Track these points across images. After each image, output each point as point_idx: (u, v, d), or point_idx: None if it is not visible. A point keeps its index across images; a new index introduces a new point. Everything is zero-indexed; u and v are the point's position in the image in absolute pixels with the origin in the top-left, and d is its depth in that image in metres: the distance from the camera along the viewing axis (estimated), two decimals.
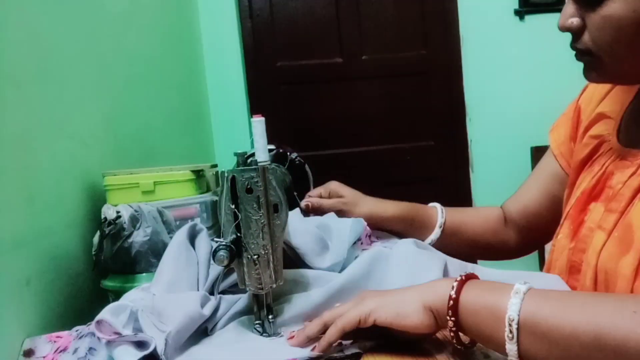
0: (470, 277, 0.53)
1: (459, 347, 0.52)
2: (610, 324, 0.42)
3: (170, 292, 0.69)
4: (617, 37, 0.57)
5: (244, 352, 0.58)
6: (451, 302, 0.50)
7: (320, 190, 0.93)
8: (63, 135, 0.91)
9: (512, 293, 0.47)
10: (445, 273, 0.69)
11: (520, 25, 2.44)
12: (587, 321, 0.43)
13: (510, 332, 0.46)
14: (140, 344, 0.56)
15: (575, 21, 0.60)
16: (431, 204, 0.91)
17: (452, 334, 0.51)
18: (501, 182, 1.90)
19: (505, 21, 2.44)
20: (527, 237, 0.88)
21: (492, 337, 0.48)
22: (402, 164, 2.50)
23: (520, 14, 2.43)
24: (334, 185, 0.95)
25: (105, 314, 0.57)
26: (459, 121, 2.50)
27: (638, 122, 0.67)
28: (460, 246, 0.88)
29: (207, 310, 0.64)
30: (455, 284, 0.51)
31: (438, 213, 0.88)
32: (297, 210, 0.89)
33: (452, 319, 0.50)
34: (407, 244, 0.74)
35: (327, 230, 0.81)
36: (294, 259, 0.75)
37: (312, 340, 0.57)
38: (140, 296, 0.67)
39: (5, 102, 0.73)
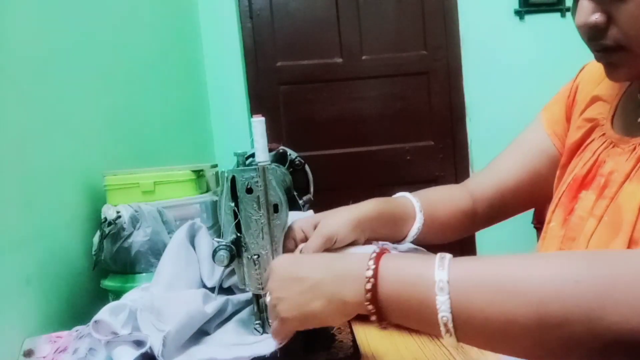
0: (383, 252, 0.48)
1: (381, 324, 0.47)
2: (552, 299, 0.39)
3: (169, 292, 0.69)
4: None
5: (244, 352, 0.58)
6: (369, 294, 0.45)
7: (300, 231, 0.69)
8: (63, 135, 0.91)
9: (436, 289, 0.42)
10: None
11: (520, 25, 2.44)
12: (525, 302, 0.40)
13: (447, 331, 0.42)
14: (140, 343, 0.56)
15: (599, 17, 0.56)
16: (399, 194, 0.80)
17: (374, 318, 0.46)
18: None
19: (505, 21, 2.44)
20: (497, 211, 0.83)
21: (427, 329, 0.44)
22: (402, 164, 2.50)
23: (520, 14, 2.43)
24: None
25: (104, 314, 0.57)
26: (459, 121, 2.50)
27: (633, 108, 0.65)
28: (432, 232, 0.79)
29: (210, 309, 0.64)
30: (371, 262, 0.46)
31: (414, 204, 0.77)
32: (311, 211, 0.89)
33: (370, 306, 0.45)
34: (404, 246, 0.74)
35: None
36: None
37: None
38: (140, 296, 0.67)
39: (5, 102, 0.73)
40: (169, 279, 0.70)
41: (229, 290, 0.72)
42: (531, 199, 0.81)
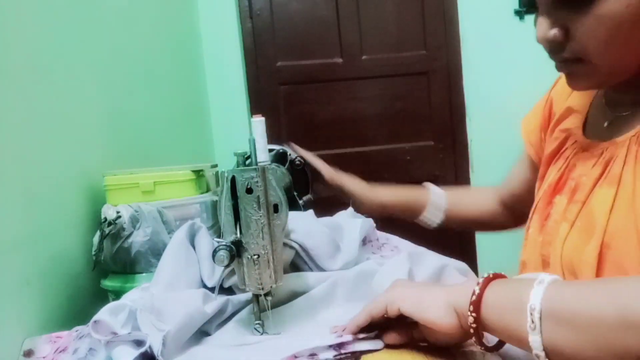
0: (498, 276, 0.51)
1: (480, 348, 0.51)
2: (634, 301, 0.41)
3: (169, 292, 0.69)
4: (612, 37, 0.55)
5: (245, 351, 0.58)
6: (474, 297, 0.49)
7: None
8: (63, 136, 0.91)
9: (535, 283, 0.46)
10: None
11: (520, 25, 2.44)
12: (610, 301, 0.42)
13: (532, 321, 0.44)
14: (139, 343, 0.56)
15: (557, 32, 0.58)
16: (430, 186, 1.04)
17: (472, 331, 0.49)
18: (501, 182, 1.90)
19: (505, 21, 2.44)
20: (520, 217, 0.88)
21: (515, 330, 0.46)
22: (402, 164, 2.49)
23: (520, 14, 2.43)
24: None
25: (103, 314, 0.57)
26: (459, 121, 2.50)
27: (601, 114, 0.67)
28: (458, 224, 1.01)
29: (210, 309, 0.64)
30: (481, 280, 0.50)
31: (442, 199, 1.00)
32: (311, 211, 0.90)
33: (473, 314, 0.48)
34: (400, 261, 0.74)
35: (339, 229, 0.82)
36: (305, 260, 0.75)
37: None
38: (139, 296, 0.67)
39: (6, 102, 0.73)
40: (169, 279, 0.70)
41: (229, 290, 0.72)
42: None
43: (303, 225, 0.77)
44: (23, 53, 0.81)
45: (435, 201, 1.00)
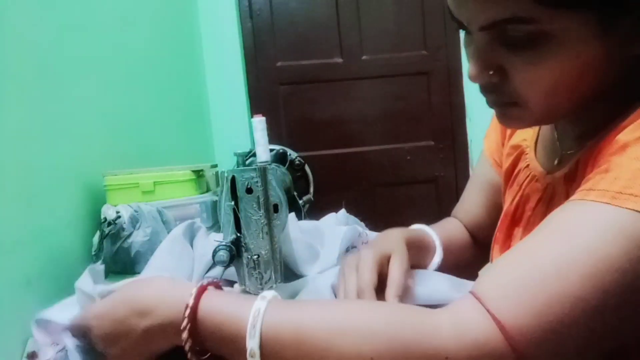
0: (212, 284, 0.50)
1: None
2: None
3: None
4: (556, 87, 0.49)
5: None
6: (189, 311, 0.46)
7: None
8: (63, 135, 0.91)
9: (248, 328, 0.45)
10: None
11: None
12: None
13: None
14: None
15: (493, 75, 0.51)
16: (416, 227, 0.79)
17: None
18: None
19: None
20: (478, 244, 0.82)
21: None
22: (402, 164, 2.49)
23: None
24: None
25: (51, 312, 0.57)
26: (459, 121, 2.50)
27: (550, 141, 0.63)
28: (451, 262, 0.77)
29: None
30: (194, 291, 0.48)
31: (432, 235, 0.77)
32: (292, 214, 0.87)
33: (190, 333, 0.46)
34: None
35: (320, 236, 0.80)
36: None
37: None
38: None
39: (5, 102, 0.73)
40: (157, 271, 0.70)
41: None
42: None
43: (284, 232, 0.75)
44: (23, 53, 0.81)
45: (438, 245, 0.77)
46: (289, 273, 0.72)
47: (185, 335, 0.46)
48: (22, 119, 0.78)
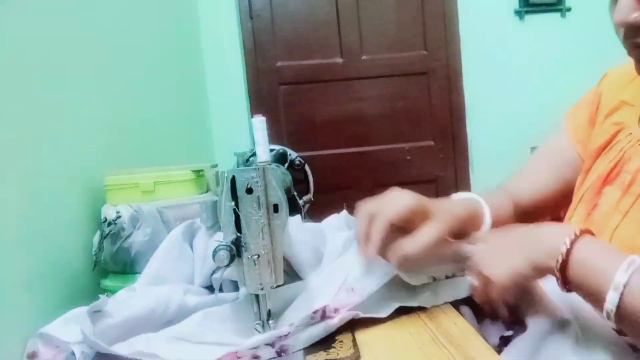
0: (586, 231, 0.53)
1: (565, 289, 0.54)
2: None
3: (154, 285, 0.69)
4: None
5: (180, 345, 0.58)
6: (561, 260, 0.52)
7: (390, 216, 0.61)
8: (63, 136, 0.91)
9: (619, 270, 0.48)
10: None
11: (520, 25, 2.44)
12: None
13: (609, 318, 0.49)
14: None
15: (639, 15, 0.55)
16: (467, 195, 0.76)
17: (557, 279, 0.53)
18: (501, 182, 1.90)
19: (505, 21, 2.44)
20: (530, 218, 0.82)
21: (597, 300, 0.50)
22: (402, 164, 2.49)
23: (520, 14, 2.43)
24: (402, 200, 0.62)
25: (53, 327, 0.58)
26: (459, 121, 2.50)
27: None
28: None
29: (173, 308, 0.64)
30: (567, 240, 0.52)
31: (484, 209, 0.74)
32: (298, 217, 0.87)
33: (561, 277, 0.52)
34: None
35: (322, 239, 0.79)
36: (286, 269, 0.74)
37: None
38: (127, 296, 0.68)
39: (6, 102, 0.73)
40: (155, 273, 0.71)
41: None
42: (558, 207, 0.83)
43: (285, 235, 0.75)
44: (23, 53, 0.81)
45: (487, 215, 0.75)
46: (294, 274, 0.72)
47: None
48: (23, 119, 0.78)
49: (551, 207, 0.83)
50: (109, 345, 0.56)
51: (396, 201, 0.61)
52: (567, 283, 0.53)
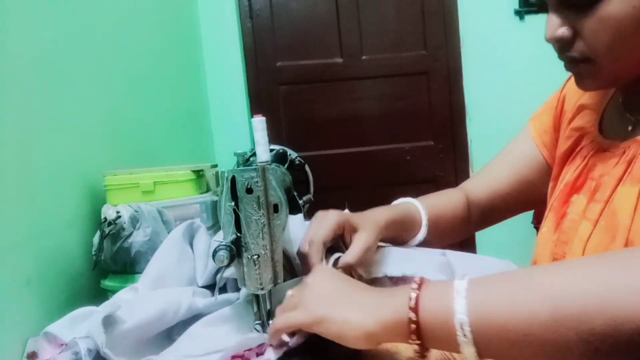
0: (420, 284, 0.47)
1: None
2: (564, 293, 0.39)
3: (156, 287, 0.69)
4: (617, 37, 0.55)
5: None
6: (413, 325, 0.45)
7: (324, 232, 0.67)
8: (63, 135, 0.91)
9: (454, 293, 0.43)
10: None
11: (520, 25, 2.44)
12: (539, 299, 0.40)
13: (464, 335, 0.42)
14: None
15: (565, 30, 0.59)
16: (405, 200, 0.83)
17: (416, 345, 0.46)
18: None
19: (505, 21, 2.44)
20: (488, 216, 0.88)
21: (449, 345, 0.44)
22: (402, 164, 2.49)
23: (520, 14, 2.43)
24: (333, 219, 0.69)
25: (57, 325, 0.58)
26: (459, 121, 2.50)
27: (619, 114, 0.66)
28: (436, 238, 0.82)
29: (183, 309, 0.64)
30: (411, 302, 0.45)
31: (420, 211, 0.80)
32: (300, 215, 0.87)
33: (417, 342, 0.45)
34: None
35: None
36: (288, 268, 0.74)
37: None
38: (131, 295, 0.68)
39: (6, 102, 0.73)
40: (157, 274, 0.70)
41: (222, 289, 0.72)
42: (519, 204, 0.86)
43: (285, 232, 0.75)
44: (23, 53, 0.81)
45: (424, 223, 0.81)
46: (293, 271, 0.73)
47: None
48: (23, 119, 0.78)
49: (510, 207, 0.86)
50: (121, 355, 0.56)
51: (323, 224, 0.67)
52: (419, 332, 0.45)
